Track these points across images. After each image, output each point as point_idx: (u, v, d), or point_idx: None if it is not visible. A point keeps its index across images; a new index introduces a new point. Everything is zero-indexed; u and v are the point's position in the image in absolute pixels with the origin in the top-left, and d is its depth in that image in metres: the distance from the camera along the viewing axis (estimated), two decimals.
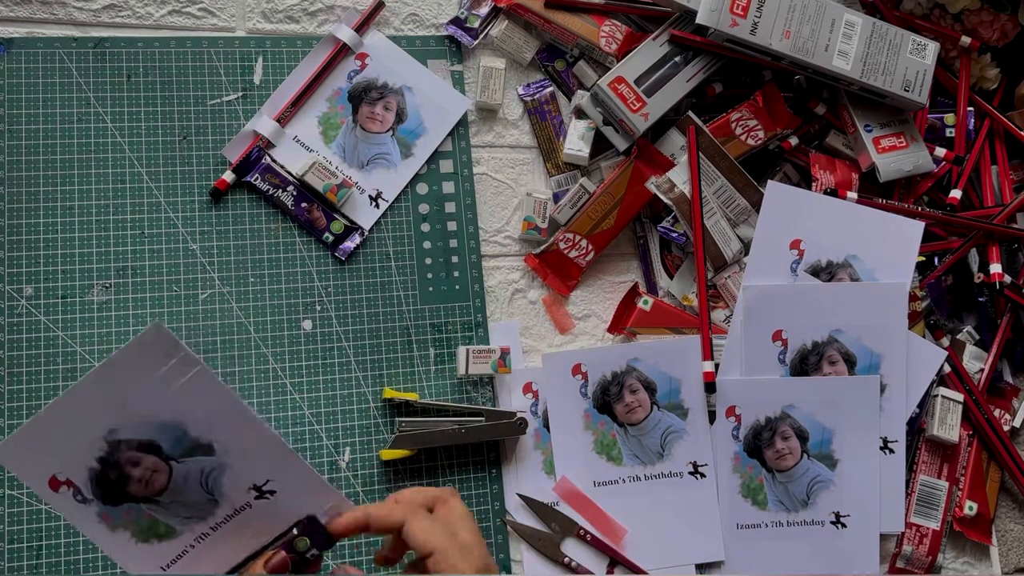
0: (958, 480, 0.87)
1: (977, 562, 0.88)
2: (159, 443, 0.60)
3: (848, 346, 0.84)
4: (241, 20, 0.82)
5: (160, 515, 0.61)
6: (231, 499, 0.62)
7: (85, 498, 0.59)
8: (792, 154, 0.89)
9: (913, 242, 0.86)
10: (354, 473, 0.76)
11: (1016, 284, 0.89)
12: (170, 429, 0.60)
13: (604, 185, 0.84)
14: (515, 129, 0.87)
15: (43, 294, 0.73)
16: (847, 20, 0.85)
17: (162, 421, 0.60)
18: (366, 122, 0.82)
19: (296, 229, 0.79)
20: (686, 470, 0.81)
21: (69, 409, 0.58)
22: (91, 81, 0.77)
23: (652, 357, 0.81)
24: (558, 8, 0.85)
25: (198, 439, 0.61)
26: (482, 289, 0.82)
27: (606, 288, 0.86)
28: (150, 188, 0.77)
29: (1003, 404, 0.91)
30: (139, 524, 0.61)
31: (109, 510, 0.60)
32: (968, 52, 0.93)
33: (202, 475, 0.61)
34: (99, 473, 0.59)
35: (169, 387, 0.60)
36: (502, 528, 0.78)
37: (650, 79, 0.83)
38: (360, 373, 0.78)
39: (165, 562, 0.61)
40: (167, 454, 0.61)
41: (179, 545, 0.62)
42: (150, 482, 0.61)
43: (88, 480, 0.59)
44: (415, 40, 0.85)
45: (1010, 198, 0.92)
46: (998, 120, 0.94)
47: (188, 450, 0.61)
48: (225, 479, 0.62)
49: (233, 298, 0.77)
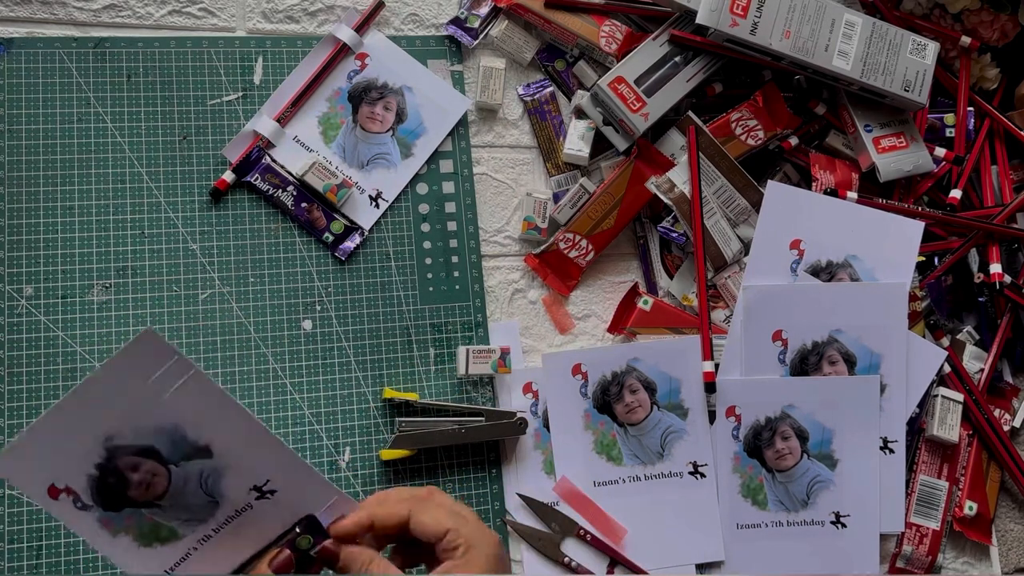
0: (958, 480, 0.87)
1: (977, 562, 0.88)
2: (157, 448, 0.60)
3: (848, 346, 0.84)
4: (241, 20, 0.82)
5: (161, 519, 0.61)
6: (232, 500, 0.62)
7: (85, 505, 0.59)
8: (792, 154, 0.89)
9: (913, 242, 0.86)
10: (354, 473, 0.76)
11: (1016, 284, 0.89)
12: (167, 433, 0.60)
13: (604, 185, 0.84)
14: (515, 129, 0.87)
15: (43, 294, 0.73)
16: (847, 20, 0.85)
17: (159, 426, 0.60)
18: (366, 122, 0.82)
19: (296, 229, 0.79)
20: (686, 470, 0.81)
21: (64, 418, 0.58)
22: (91, 81, 0.77)
23: (652, 357, 0.81)
24: (558, 8, 0.85)
25: (196, 442, 0.61)
26: (482, 289, 0.82)
27: (606, 288, 0.86)
28: (150, 188, 0.77)
29: (1003, 404, 0.91)
30: (141, 528, 0.61)
31: (110, 516, 0.60)
32: (968, 52, 0.93)
33: (201, 477, 0.61)
34: (98, 480, 0.59)
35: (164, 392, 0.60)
36: (502, 528, 0.78)
37: (650, 79, 0.83)
38: (360, 373, 0.78)
39: (168, 565, 0.61)
40: (166, 459, 0.61)
41: (182, 548, 0.62)
42: (150, 486, 0.61)
43: (88, 487, 0.59)
44: (415, 40, 0.85)
45: (1010, 198, 0.92)
46: (998, 120, 0.94)
47: (187, 454, 0.61)
48: (225, 481, 0.62)
49: (233, 298, 0.77)
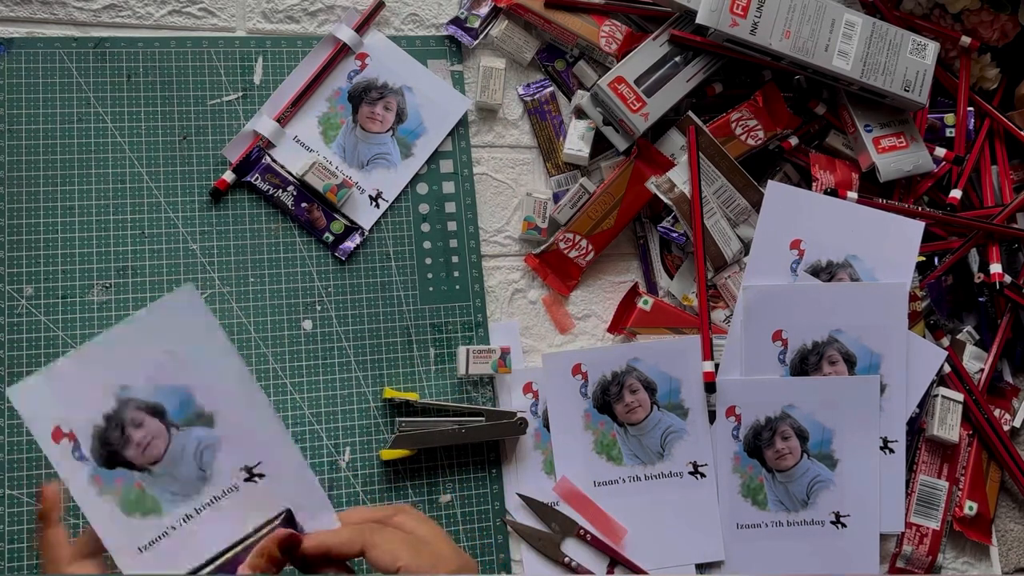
0: (958, 480, 0.87)
1: (977, 562, 0.88)
2: (165, 407, 0.61)
3: (848, 346, 0.84)
4: (241, 20, 0.82)
5: (150, 487, 0.61)
6: (220, 478, 0.63)
7: (82, 455, 0.60)
8: (792, 154, 0.89)
9: (913, 242, 0.86)
10: (354, 473, 0.76)
11: (1016, 284, 0.89)
12: (177, 393, 0.61)
13: (604, 185, 0.84)
14: (515, 129, 0.87)
15: (43, 294, 0.73)
16: (847, 20, 0.85)
17: (172, 384, 0.61)
18: (366, 122, 0.82)
19: (296, 229, 0.79)
20: (686, 470, 0.81)
21: (91, 360, 0.60)
22: (91, 81, 0.77)
23: (652, 357, 0.81)
24: (558, 8, 0.85)
25: (202, 408, 0.62)
26: (482, 289, 0.82)
27: (606, 288, 0.86)
28: (150, 188, 0.77)
29: (1003, 404, 0.91)
30: (127, 494, 0.61)
31: (103, 472, 0.60)
32: (968, 52, 0.93)
33: (198, 448, 0.62)
34: (103, 431, 0.60)
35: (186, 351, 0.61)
36: (502, 528, 0.78)
37: (650, 79, 0.83)
38: (360, 373, 0.78)
39: (144, 541, 0.61)
40: (170, 420, 0.61)
41: (160, 525, 0.61)
42: (148, 448, 0.61)
43: (90, 436, 0.60)
44: (415, 40, 0.85)
45: (1010, 198, 0.92)
46: (998, 120, 0.94)
47: (190, 418, 0.62)
48: (219, 455, 0.62)
49: (233, 298, 0.77)
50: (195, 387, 0.61)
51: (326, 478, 0.75)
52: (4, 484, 0.69)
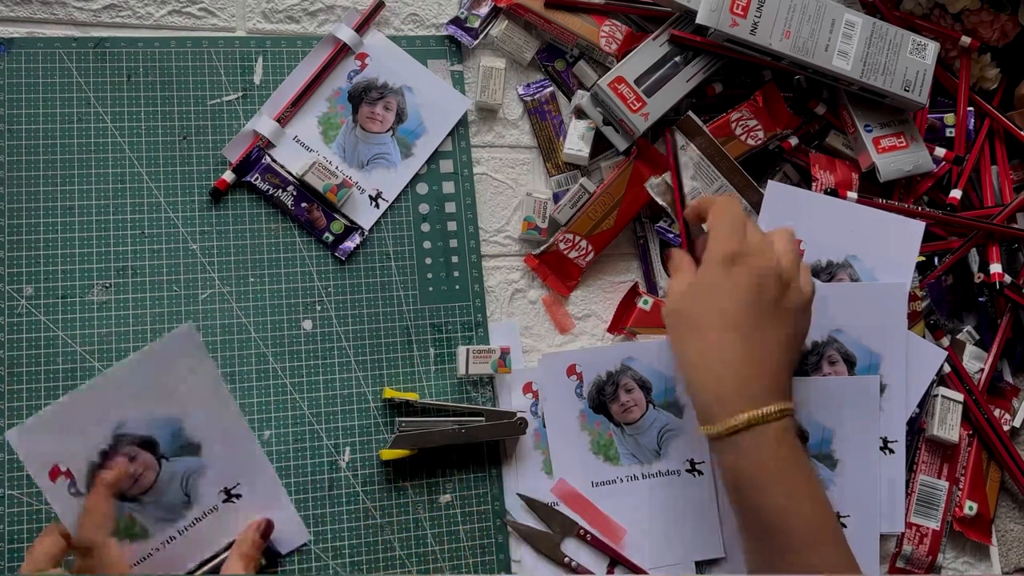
0: (958, 480, 0.87)
1: (977, 562, 0.88)
2: (157, 440, 0.62)
3: (848, 346, 0.84)
4: (241, 20, 0.82)
5: (138, 515, 0.63)
6: (202, 501, 0.65)
7: (78, 491, 0.61)
8: (792, 154, 0.89)
9: (913, 242, 0.86)
10: (354, 473, 0.76)
11: (1016, 284, 0.89)
12: (170, 425, 0.63)
13: (604, 185, 0.84)
14: (515, 129, 0.87)
15: (43, 294, 0.73)
16: (847, 20, 0.85)
17: (167, 416, 0.63)
18: (366, 122, 0.82)
19: (296, 229, 0.79)
20: (683, 468, 0.81)
21: (87, 402, 0.61)
22: (91, 81, 0.77)
23: (647, 356, 0.81)
24: (558, 8, 0.85)
25: (191, 438, 0.64)
26: (482, 289, 0.82)
27: (606, 288, 0.86)
28: (150, 188, 0.77)
29: (1003, 404, 0.91)
30: (119, 523, 0.63)
31: None
32: (968, 52, 0.93)
33: (184, 475, 0.64)
34: (98, 467, 0.61)
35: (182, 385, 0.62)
36: (502, 528, 0.78)
37: (650, 79, 0.83)
38: (360, 373, 0.78)
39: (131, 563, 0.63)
40: (161, 452, 0.63)
41: (147, 547, 0.64)
42: (139, 480, 0.63)
43: (85, 473, 0.61)
44: (415, 40, 0.85)
45: (1010, 198, 0.92)
46: (998, 120, 0.94)
47: (180, 448, 0.63)
48: (203, 480, 0.65)
49: (233, 298, 0.77)
50: (185, 419, 0.64)
51: (326, 478, 0.75)
52: (4, 484, 0.69)
